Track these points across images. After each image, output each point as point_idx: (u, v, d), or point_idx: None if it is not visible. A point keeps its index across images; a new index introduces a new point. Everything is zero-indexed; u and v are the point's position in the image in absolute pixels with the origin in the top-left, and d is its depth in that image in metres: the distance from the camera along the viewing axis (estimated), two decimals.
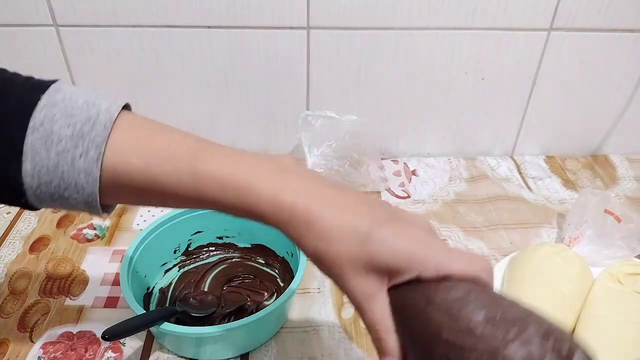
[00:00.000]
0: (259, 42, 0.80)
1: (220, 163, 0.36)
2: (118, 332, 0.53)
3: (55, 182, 0.34)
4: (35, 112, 0.33)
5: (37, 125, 0.33)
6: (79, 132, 0.33)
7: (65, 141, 0.33)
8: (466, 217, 0.80)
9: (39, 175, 0.33)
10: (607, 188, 0.88)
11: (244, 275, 0.68)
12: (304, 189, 0.34)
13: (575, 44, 0.83)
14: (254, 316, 0.53)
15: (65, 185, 0.34)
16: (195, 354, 0.58)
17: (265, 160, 0.37)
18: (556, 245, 0.67)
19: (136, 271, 0.60)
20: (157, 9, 0.76)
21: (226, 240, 0.70)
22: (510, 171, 0.91)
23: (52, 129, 0.33)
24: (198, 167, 0.35)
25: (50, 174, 0.33)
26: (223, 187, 0.35)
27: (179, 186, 0.35)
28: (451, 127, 0.92)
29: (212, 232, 0.69)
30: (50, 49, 0.79)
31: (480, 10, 0.78)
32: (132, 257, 0.60)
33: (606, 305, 0.60)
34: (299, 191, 0.34)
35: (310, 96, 0.86)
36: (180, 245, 0.68)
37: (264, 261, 0.69)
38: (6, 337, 0.60)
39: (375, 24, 0.79)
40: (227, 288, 0.66)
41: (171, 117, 0.88)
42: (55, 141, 0.33)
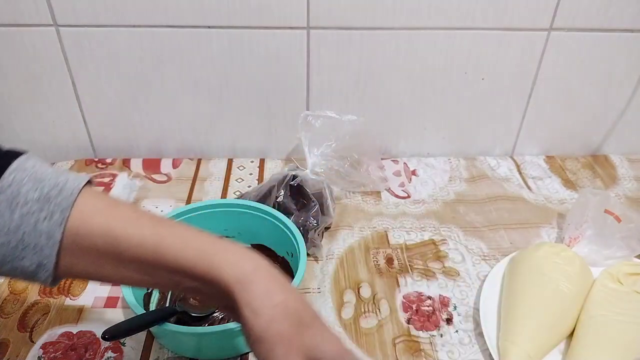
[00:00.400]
0: (259, 42, 0.80)
1: (183, 229, 0.38)
2: (118, 332, 0.53)
3: (13, 244, 0.34)
4: (5, 174, 0.34)
5: (5, 187, 0.34)
6: (46, 196, 0.34)
7: (31, 204, 0.34)
8: (466, 217, 0.80)
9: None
10: (607, 188, 0.88)
11: None
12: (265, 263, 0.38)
13: (575, 44, 0.83)
14: None
15: (23, 246, 0.34)
16: (195, 353, 0.58)
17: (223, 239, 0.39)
18: (556, 245, 0.67)
19: None
20: (157, 9, 0.76)
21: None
22: (510, 171, 0.91)
23: (20, 192, 0.34)
24: (161, 230, 0.37)
25: (10, 235, 0.34)
26: (185, 245, 0.36)
27: (140, 248, 0.36)
28: (451, 127, 0.92)
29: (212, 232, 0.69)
30: (50, 49, 0.79)
31: (480, 10, 0.78)
32: None
33: (606, 305, 0.60)
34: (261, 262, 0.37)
35: (310, 96, 0.86)
36: None
37: None
38: (6, 337, 0.60)
39: (375, 24, 0.79)
40: None
41: (170, 117, 0.88)
42: (21, 203, 0.34)
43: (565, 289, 0.60)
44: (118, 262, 0.37)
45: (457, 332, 0.62)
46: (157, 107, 0.86)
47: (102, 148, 0.91)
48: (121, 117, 0.87)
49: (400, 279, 0.69)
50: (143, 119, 0.88)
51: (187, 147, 0.91)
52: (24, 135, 0.88)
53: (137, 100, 0.85)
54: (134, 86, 0.84)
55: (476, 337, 0.61)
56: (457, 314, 0.64)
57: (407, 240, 0.75)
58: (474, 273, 0.70)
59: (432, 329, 0.62)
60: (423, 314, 0.64)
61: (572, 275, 0.62)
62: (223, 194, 0.84)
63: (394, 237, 0.76)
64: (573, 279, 0.61)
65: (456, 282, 0.68)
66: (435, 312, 0.64)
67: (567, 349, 0.59)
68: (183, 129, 0.89)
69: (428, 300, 0.66)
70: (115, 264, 0.37)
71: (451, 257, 0.72)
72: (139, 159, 0.91)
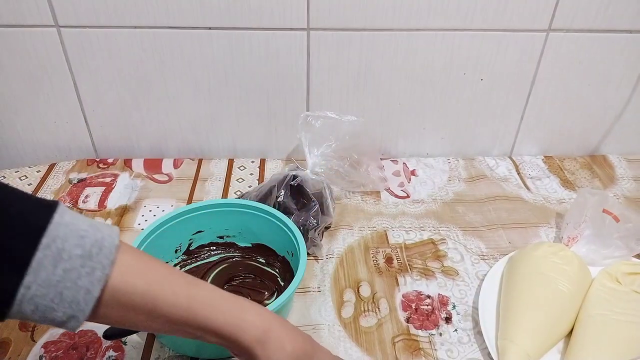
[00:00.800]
0: (259, 43, 0.80)
1: (211, 290, 0.43)
2: (119, 331, 0.53)
3: (50, 296, 0.35)
4: (49, 229, 0.35)
5: (50, 242, 0.34)
6: (88, 253, 0.36)
7: (74, 259, 0.35)
8: (465, 216, 0.80)
9: (38, 288, 0.34)
10: (605, 188, 0.88)
11: (245, 274, 0.68)
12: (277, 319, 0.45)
13: (574, 44, 0.83)
14: None
15: (59, 300, 0.35)
16: (196, 352, 0.58)
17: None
18: (554, 244, 0.67)
19: None
20: (158, 10, 0.76)
21: (227, 240, 0.71)
22: (508, 171, 0.91)
23: (64, 247, 0.35)
24: (193, 292, 0.41)
25: (50, 288, 0.35)
26: (214, 309, 0.41)
27: (174, 308, 0.40)
28: (450, 128, 0.92)
29: (213, 232, 0.70)
30: (51, 49, 0.79)
31: (479, 11, 0.79)
32: None
33: (604, 305, 0.60)
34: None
35: (310, 96, 0.86)
36: (182, 245, 0.68)
37: (264, 260, 0.70)
38: (8, 336, 0.60)
39: (375, 25, 0.79)
40: (227, 287, 0.66)
41: (171, 117, 0.88)
42: (65, 259, 0.35)
43: (563, 288, 0.60)
44: (150, 317, 0.40)
45: (456, 331, 0.62)
46: (158, 107, 0.87)
47: (103, 148, 0.91)
48: (122, 117, 0.87)
49: (400, 278, 0.69)
50: (144, 119, 0.88)
51: (188, 147, 0.92)
52: (25, 136, 0.88)
53: (138, 100, 0.86)
54: (135, 86, 0.84)
55: (475, 336, 0.62)
56: (456, 313, 0.65)
57: (406, 240, 0.75)
58: (472, 272, 0.70)
59: (431, 328, 0.63)
60: (422, 313, 0.64)
61: (570, 274, 0.62)
62: (224, 193, 0.84)
63: (394, 236, 0.76)
64: (571, 279, 0.62)
65: (455, 282, 0.69)
66: (434, 311, 0.65)
67: (566, 348, 0.59)
68: (184, 129, 0.90)
69: (427, 299, 0.66)
70: (148, 318, 0.40)
71: (450, 257, 0.73)
72: (140, 159, 0.91)
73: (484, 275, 0.68)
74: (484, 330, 0.60)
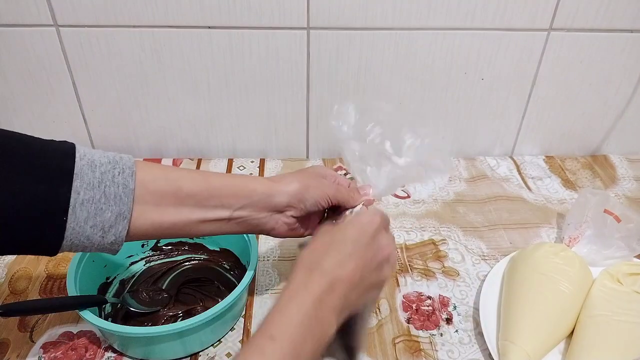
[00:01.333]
0: (259, 42, 0.80)
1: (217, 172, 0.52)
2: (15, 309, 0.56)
3: (97, 197, 0.42)
4: (77, 148, 0.43)
5: (82, 155, 0.43)
6: (113, 160, 0.44)
7: (105, 165, 0.43)
8: (466, 217, 0.80)
9: (85, 191, 0.41)
10: (606, 188, 0.88)
11: (205, 278, 0.68)
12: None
13: (575, 44, 0.83)
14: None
15: (105, 198, 0.42)
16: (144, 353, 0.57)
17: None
18: (556, 245, 0.67)
19: (93, 260, 0.61)
20: (157, 9, 0.76)
21: (196, 241, 0.71)
22: (509, 171, 0.91)
23: (94, 158, 0.43)
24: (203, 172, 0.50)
25: (95, 190, 0.42)
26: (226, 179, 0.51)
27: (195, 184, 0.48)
28: (451, 127, 0.92)
29: None
30: (50, 49, 0.79)
31: (479, 10, 0.78)
32: None
33: (606, 305, 0.60)
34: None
35: (311, 96, 0.86)
36: (149, 240, 0.68)
37: (228, 266, 0.69)
38: (7, 337, 0.60)
39: (375, 24, 0.79)
40: (183, 289, 0.66)
41: (171, 117, 0.88)
42: (98, 165, 0.43)
43: (564, 289, 0.60)
44: (178, 202, 0.47)
45: (456, 331, 0.62)
46: (157, 107, 0.86)
47: (102, 148, 0.89)
48: (121, 117, 0.87)
49: (400, 278, 0.69)
50: (143, 119, 0.88)
51: (188, 147, 0.91)
52: None
53: (138, 100, 0.85)
54: (134, 86, 0.84)
55: (476, 337, 0.61)
56: (457, 313, 0.64)
57: (407, 240, 0.75)
58: (473, 273, 0.70)
59: (432, 328, 0.62)
60: (423, 313, 0.64)
61: (571, 275, 0.62)
62: None
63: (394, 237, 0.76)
64: (573, 279, 0.61)
65: (456, 282, 0.69)
66: (435, 312, 0.64)
67: (567, 348, 0.59)
68: (183, 129, 0.89)
69: (428, 300, 0.66)
70: (177, 205, 0.47)
71: (451, 257, 0.72)
72: (140, 159, 0.91)
73: (485, 275, 0.68)
74: (484, 331, 0.60)
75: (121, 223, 0.43)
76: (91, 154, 0.43)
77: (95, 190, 0.42)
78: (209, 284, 0.67)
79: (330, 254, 0.44)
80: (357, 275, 0.44)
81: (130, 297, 0.62)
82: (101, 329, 0.54)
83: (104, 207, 0.42)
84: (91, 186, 0.42)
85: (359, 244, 0.45)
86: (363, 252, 0.45)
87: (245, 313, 0.63)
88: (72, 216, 0.41)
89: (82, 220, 0.41)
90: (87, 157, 0.43)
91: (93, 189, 0.42)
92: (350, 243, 0.45)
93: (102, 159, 0.43)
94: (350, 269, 0.43)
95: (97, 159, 0.43)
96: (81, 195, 0.41)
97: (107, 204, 0.42)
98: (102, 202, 0.42)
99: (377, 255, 0.46)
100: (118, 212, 0.43)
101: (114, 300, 0.62)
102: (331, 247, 0.45)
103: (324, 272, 0.42)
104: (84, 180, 0.41)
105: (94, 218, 0.42)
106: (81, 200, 0.41)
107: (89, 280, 0.60)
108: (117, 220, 0.43)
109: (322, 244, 0.46)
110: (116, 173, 0.43)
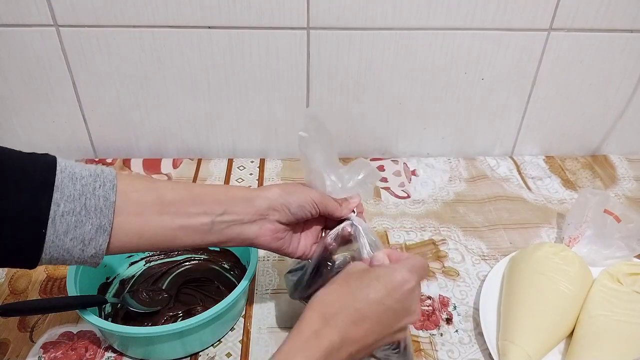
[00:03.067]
0: (259, 42, 0.80)
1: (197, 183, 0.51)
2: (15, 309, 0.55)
3: (77, 210, 0.41)
4: (58, 161, 0.43)
5: (63, 168, 0.42)
6: (94, 173, 0.44)
7: (86, 178, 0.43)
8: (466, 217, 0.80)
9: (66, 203, 0.41)
10: (606, 188, 0.88)
11: (205, 278, 0.67)
12: None
13: (575, 44, 0.83)
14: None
15: (85, 211, 0.42)
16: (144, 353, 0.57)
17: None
18: (556, 245, 0.67)
19: None
20: (157, 9, 0.76)
21: None
22: (509, 171, 0.91)
23: (74, 171, 0.43)
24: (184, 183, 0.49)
25: (75, 202, 0.42)
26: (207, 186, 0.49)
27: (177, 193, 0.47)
28: (451, 127, 0.92)
29: None
30: (50, 49, 0.79)
31: (479, 10, 0.78)
32: None
33: (606, 305, 0.60)
34: None
35: (310, 96, 0.86)
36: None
37: (228, 266, 0.69)
38: (7, 337, 0.60)
39: (375, 24, 0.79)
40: (183, 289, 0.66)
41: (171, 117, 0.88)
42: (79, 177, 0.43)
43: (564, 289, 0.60)
44: (159, 210, 0.46)
45: (457, 331, 0.62)
46: (157, 107, 0.86)
47: (102, 148, 0.91)
48: (121, 117, 0.87)
49: None
50: (143, 119, 0.88)
51: (188, 147, 0.91)
52: (24, 136, 0.88)
53: (138, 100, 0.85)
54: (134, 86, 0.84)
55: (476, 337, 0.61)
56: (457, 313, 0.64)
57: (407, 240, 0.75)
58: (473, 273, 0.70)
59: (432, 328, 0.62)
60: (423, 313, 0.64)
61: (571, 275, 0.62)
62: None
63: (394, 237, 0.76)
64: (573, 279, 0.61)
65: (456, 282, 0.69)
66: (435, 312, 0.64)
67: (567, 348, 0.59)
68: (183, 129, 0.89)
69: (428, 300, 0.66)
70: (158, 212, 0.46)
71: (451, 257, 0.72)
72: (139, 159, 0.91)
73: (485, 275, 0.68)
74: (484, 330, 0.60)
75: (102, 236, 0.43)
76: (72, 167, 0.43)
77: (76, 202, 0.41)
78: (209, 284, 0.67)
79: (348, 309, 0.42)
80: (370, 338, 0.42)
81: (130, 297, 0.62)
82: (101, 329, 0.54)
83: (84, 219, 0.42)
84: (71, 198, 0.41)
85: (383, 306, 0.42)
86: (385, 316, 0.43)
87: (245, 313, 0.63)
88: (51, 228, 0.40)
89: (62, 232, 0.41)
90: (68, 169, 0.42)
91: (73, 201, 0.41)
92: (373, 304, 0.42)
93: (83, 172, 0.43)
94: (364, 331, 0.42)
95: (78, 172, 0.43)
96: (61, 208, 0.41)
97: (87, 216, 0.42)
98: (83, 215, 0.42)
99: (400, 322, 0.44)
100: (99, 224, 0.42)
101: (114, 300, 0.62)
102: (353, 300, 0.42)
103: (338, 328, 0.41)
104: (64, 192, 0.41)
105: (74, 230, 0.41)
106: (61, 213, 0.41)
107: (89, 280, 0.60)
108: (98, 232, 0.43)
109: (344, 293, 0.43)
110: (97, 186, 0.43)
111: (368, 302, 0.42)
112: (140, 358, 0.57)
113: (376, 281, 0.43)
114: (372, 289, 0.43)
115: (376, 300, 0.42)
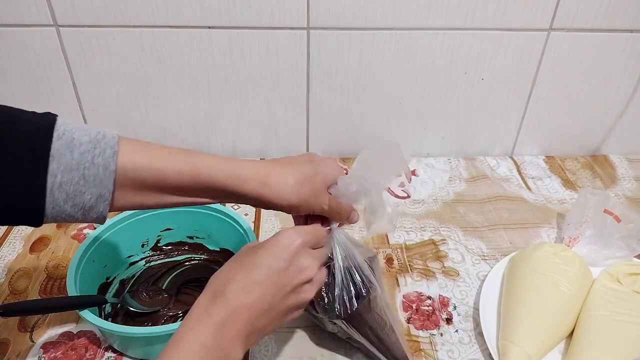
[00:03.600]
0: (259, 42, 0.80)
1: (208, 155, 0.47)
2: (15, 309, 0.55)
3: (76, 179, 0.40)
4: (57, 125, 0.40)
5: (61, 134, 0.40)
6: (95, 139, 0.41)
7: (85, 145, 0.41)
8: (466, 217, 0.80)
9: (63, 174, 0.40)
10: (606, 188, 0.88)
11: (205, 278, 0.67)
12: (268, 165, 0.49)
13: (575, 44, 0.83)
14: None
15: (84, 181, 0.40)
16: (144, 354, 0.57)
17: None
18: (556, 245, 0.67)
19: (93, 260, 0.61)
20: (157, 9, 0.76)
21: (196, 241, 0.71)
22: (509, 171, 0.91)
23: (73, 137, 0.40)
24: (193, 159, 0.45)
25: (73, 172, 0.40)
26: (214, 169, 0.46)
27: (179, 176, 0.44)
28: (451, 128, 0.92)
29: (182, 231, 0.70)
30: (50, 49, 0.79)
31: (479, 10, 0.78)
32: (90, 246, 0.61)
33: (606, 305, 0.60)
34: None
35: (310, 96, 0.86)
36: (149, 240, 0.69)
37: None
38: (7, 337, 0.60)
39: (375, 24, 0.79)
40: (183, 289, 0.66)
41: (171, 117, 0.88)
42: (77, 145, 0.40)
43: (564, 289, 0.60)
44: (161, 191, 0.45)
45: (457, 331, 0.62)
46: (157, 107, 0.86)
47: None
48: (121, 117, 0.87)
49: (400, 278, 0.69)
50: (143, 119, 0.88)
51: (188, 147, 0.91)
52: None
53: (137, 100, 0.85)
54: (134, 86, 0.84)
55: (476, 337, 0.61)
56: (457, 313, 0.64)
57: (407, 240, 0.75)
58: (473, 273, 0.70)
59: (432, 328, 0.62)
60: (423, 313, 0.64)
61: (571, 275, 0.62)
62: None
63: (394, 237, 0.76)
64: (573, 279, 0.61)
65: (456, 282, 0.69)
66: (435, 312, 0.64)
67: (567, 348, 0.59)
68: (183, 129, 0.89)
69: (428, 300, 0.66)
70: (159, 192, 0.45)
71: (451, 257, 0.72)
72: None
73: (485, 275, 0.68)
74: (484, 330, 0.60)
75: (102, 204, 0.42)
76: (71, 131, 0.41)
77: (74, 172, 0.40)
78: None
79: (236, 278, 0.43)
80: (264, 302, 0.43)
81: (130, 297, 0.62)
82: (101, 329, 0.54)
83: (83, 189, 0.41)
84: (69, 168, 0.40)
85: (272, 269, 0.44)
86: (275, 278, 0.44)
87: None
88: (49, 197, 0.40)
89: (62, 201, 0.40)
90: (66, 135, 0.40)
91: (71, 172, 0.40)
92: (261, 268, 0.43)
93: (83, 137, 0.41)
94: (256, 295, 0.42)
95: (77, 137, 0.41)
96: (58, 179, 0.40)
97: (86, 186, 0.41)
98: (81, 185, 0.40)
99: (293, 280, 0.45)
100: (98, 194, 0.41)
101: (114, 300, 0.62)
102: (239, 271, 0.44)
103: (227, 299, 0.42)
104: (61, 162, 0.40)
105: (73, 199, 0.41)
106: (59, 183, 0.40)
107: (89, 280, 0.60)
108: (98, 201, 0.42)
109: (232, 267, 0.45)
110: (96, 153, 0.41)
111: (256, 267, 0.43)
112: (140, 358, 0.57)
113: (262, 248, 0.45)
114: (259, 255, 0.44)
115: (264, 263, 0.44)
